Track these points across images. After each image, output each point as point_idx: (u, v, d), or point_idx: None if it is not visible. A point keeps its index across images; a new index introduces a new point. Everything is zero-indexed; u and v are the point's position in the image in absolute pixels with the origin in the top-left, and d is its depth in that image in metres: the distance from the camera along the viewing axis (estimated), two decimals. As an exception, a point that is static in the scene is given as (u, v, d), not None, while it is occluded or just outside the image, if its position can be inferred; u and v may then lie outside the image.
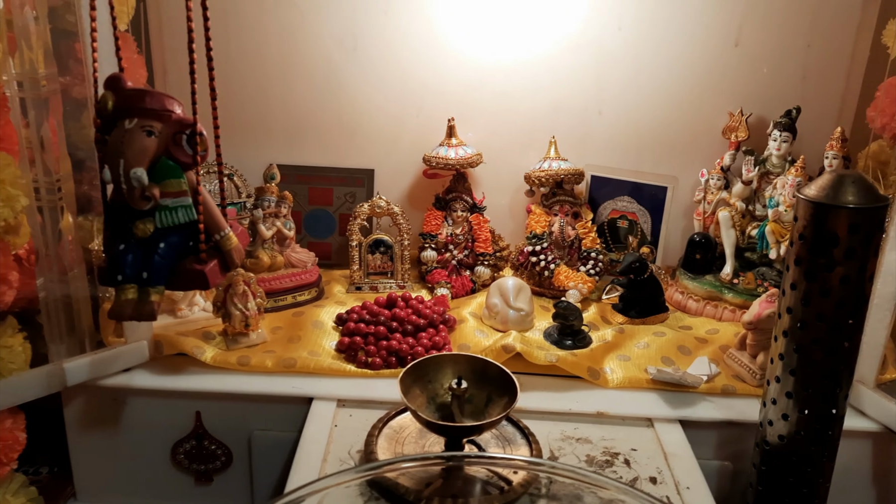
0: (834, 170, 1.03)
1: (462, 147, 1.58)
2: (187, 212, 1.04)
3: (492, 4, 1.54)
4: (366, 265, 1.59)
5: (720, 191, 1.58)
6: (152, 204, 1.02)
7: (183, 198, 1.04)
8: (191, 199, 1.04)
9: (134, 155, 0.99)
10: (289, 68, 1.60)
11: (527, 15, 1.54)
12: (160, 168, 1.02)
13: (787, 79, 1.57)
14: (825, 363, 1.02)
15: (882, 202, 0.97)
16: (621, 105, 1.61)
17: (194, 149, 1.02)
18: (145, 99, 1.01)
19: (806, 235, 0.99)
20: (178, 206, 1.04)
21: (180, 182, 1.03)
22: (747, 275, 1.53)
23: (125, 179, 0.99)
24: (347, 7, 1.55)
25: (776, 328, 1.06)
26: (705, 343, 1.40)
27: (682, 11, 1.53)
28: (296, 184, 1.67)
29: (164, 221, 1.03)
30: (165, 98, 1.03)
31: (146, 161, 1.00)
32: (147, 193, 1.00)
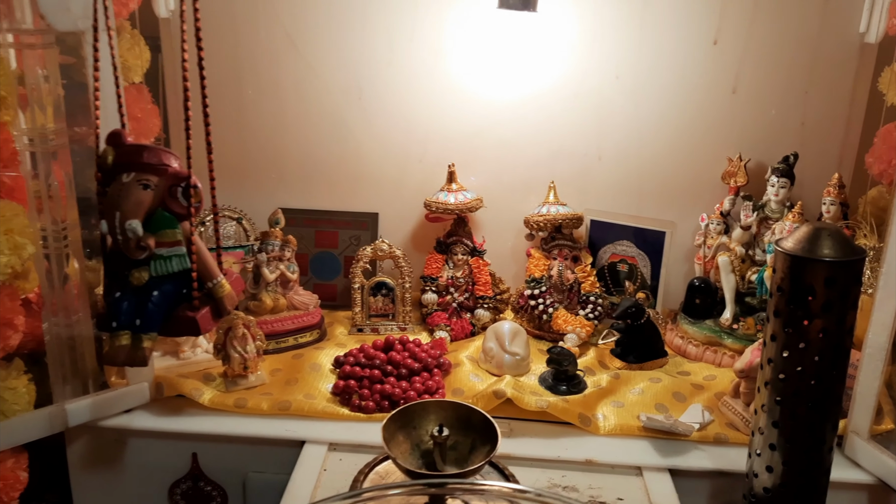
0: (811, 222, 1.03)
1: (462, 192, 1.61)
2: (181, 261, 1.08)
3: (492, 55, 1.58)
4: (367, 307, 1.62)
5: (720, 235, 1.59)
6: (147, 253, 1.06)
7: (177, 247, 1.08)
8: (185, 249, 1.08)
9: (129, 207, 1.04)
10: (298, 117, 1.66)
11: (526, 64, 1.58)
12: (156, 219, 1.07)
13: (786, 125, 1.58)
14: (808, 415, 1.01)
15: (859, 255, 0.97)
16: (621, 151, 1.64)
17: (189, 200, 1.07)
18: (143, 154, 1.06)
19: (784, 288, 1.00)
20: (173, 256, 1.08)
21: (175, 232, 1.08)
22: (747, 320, 1.52)
23: (120, 231, 1.03)
24: (352, 59, 1.61)
25: (759, 379, 1.06)
26: (702, 390, 1.40)
27: (678, 59, 1.56)
28: (303, 227, 1.71)
29: (158, 270, 1.07)
30: (163, 153, 1.08)
31: (141, 213, 1.05)
32: (142, 243, 1.05)
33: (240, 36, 1.60)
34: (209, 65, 1.60)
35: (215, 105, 1.66)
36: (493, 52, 1.58)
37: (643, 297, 1.47)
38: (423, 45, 1.59)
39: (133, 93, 1.50)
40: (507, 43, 1.56)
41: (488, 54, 1.58)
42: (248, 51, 1.61)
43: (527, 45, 1.56)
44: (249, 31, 1.60)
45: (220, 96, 1.65)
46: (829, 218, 1.46)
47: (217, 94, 1.64)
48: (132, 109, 1.50)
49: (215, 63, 1.62)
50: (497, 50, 1.58)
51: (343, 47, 1.60)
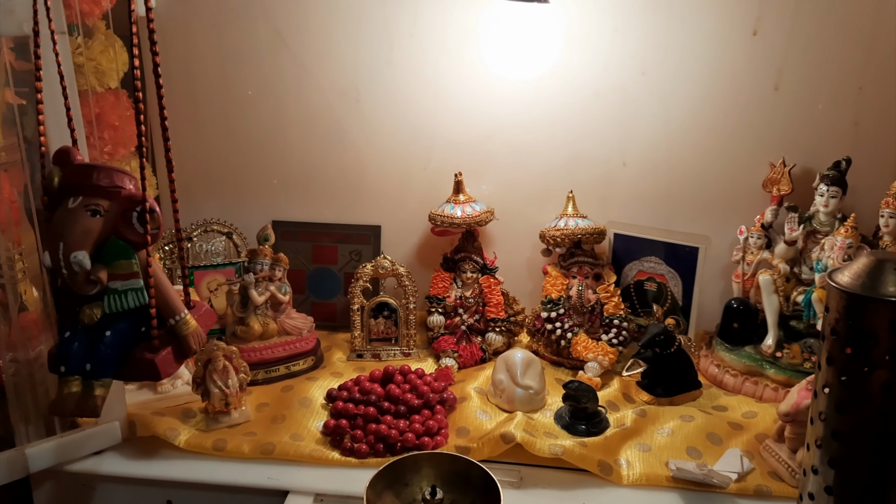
0: (871, 252, 0.86)
1: (470, 204, 1.46)
2: (138, 295, 0.95)
3: (502, 51, 1.42)
4: (368, 330, 1.48)
5: (761, 250, 1.41)
6: (99, 288, 0.93)
7: (133, 280, 0.95)
8: (142, 282, 0.95)
9: (75, 237, 0.91)
10: (289, 121, 1.52)
11: (540, 61, 1.42)
12: (108, 248, 0.94)
13: (837, 125, 1.39)
14: (868, 483, 0.84)
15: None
16: (647, 156, 1.46)
17: (145, 227, 0.94)
18: (92, 175, 0.93)
19: (839, 331, 0.83)
20: (128, 290, 0.95)
21: (131, 263, 0.95)
22: (792, 347, 1.35)
23: (65, 264, 0.91)
24: (349, 58, 1.46)
25: (809, 434, 0.90)
26: (740, 430, 1.23)
27: (713, 53, 1.38)
28: (299, 241, 1.58)
29: (112, 306, 0.95)
30: (115, 173, 0.94)
31: (90, 243, 0.92)
32: (92, 277, 0.92)
33: (226, 34, 1.47)
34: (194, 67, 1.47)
35: (201, 110, 1.55)
36: (503, 48, 1.42)
37: (672, 323, 1.30)
38: (425, 43, 1.44)
39: (109, 99, 1.38)
40: (519, 37, 1.40)
41: (498, 50, 1.42)
42: (236, 50, 1.48)
43: (540, 39, 1.40)
44: (237, 28, 1.46)
45: (206, 100, 1.52)
46: (887, 232, 1.27)
47: (203, 97, 1.52)
48: (108, 117, 1.38)
49: (201, 64, 1.50)
50: (507, 45, 1.41)
51: (338, 46, 1.46)
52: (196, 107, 1.52)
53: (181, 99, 1.50)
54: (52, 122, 1.00)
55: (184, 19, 1.46)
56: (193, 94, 1.51)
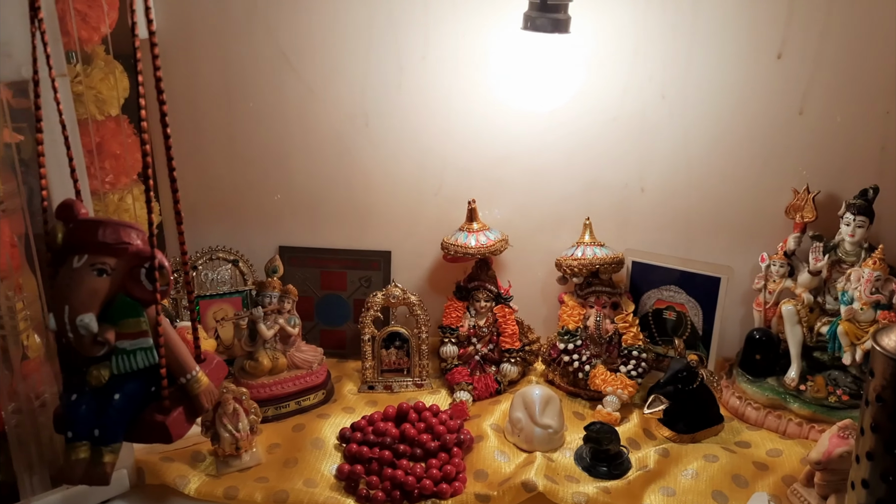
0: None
1: (484, 232, 1.41)
2: (147, 355, 0.91)
3: (516, 73, 1.37)
4: (379, 361, 1.44)
5: (783, 279, 1.37)
6: (107, 349, 0.89)
7: (142, 339, 0.91)
8: (151, 340, 0.91)
9: (82, 299, 0.87)
10: (296, 145, 1.47)
11: (557, 84, 1.37)
12: (116, 306, 0.90)
13: (863, 150, 1.35)
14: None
15: None
16: (667, 181, 1.42)
17: (154, 283, 0.89)
18: (97, 232, 0.88)
19: (885, 398, 0.79)
20: (137, 349, 0.91)
21: (139, 321, 0.91)
22: (816, 379, 1.31)
23: (71, 328, 0.86)
24: (358, 82, 1.41)
25: (850, 501, 0.86)
26: (766, 471, 1.19)
27: (735, 76, 1.33)
28: (307, 267, 1.54)
29: (120, 367, 0.90)
30: (122, 229, 0.90)
31: (97, 305, 0.87)
32: (99, 339, 0.88)
33: (230, 56, 1.42)
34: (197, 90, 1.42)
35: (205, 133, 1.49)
36: (517, 71, 1.37)
37: (695, 359, 1.26)
38: (436, 66, 1.39)
39: (110, 127, 1.32)
40: (534, 60, 1.35)
41: (512, 73, 1.37)
42: (240, 72, 1.42)
43: (556, 62, 1.35)
44: (241, 51, 1.41)
45: (210, 123, 1.47)
46: (917, 265, 1.24)
47: (207, 120, 1.47)
48: (110, 146, 1.32)
49: (204, 88, 1.44)
50: (522, 68, 1.36)
51: (347, 69, 1.40)
52: (200, 130, 1.47)
53: (184, 122, 1.45)
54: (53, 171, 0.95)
55: (186, 41, 1.40)
56: (196, 117, 1.46)
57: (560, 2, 1.10)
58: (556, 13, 1.11)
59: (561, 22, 1.13)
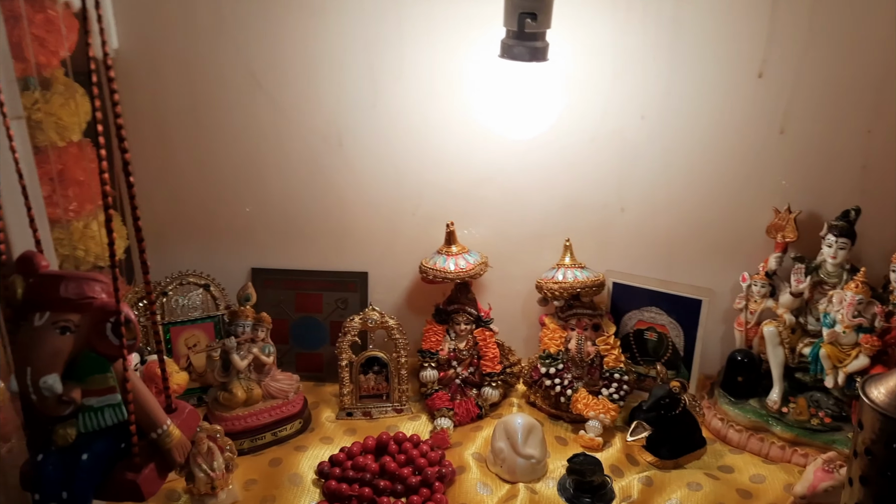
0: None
1: (463, 256, 1.39)
2: (116, 412, 0.88)
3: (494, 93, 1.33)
4: (358, 387, 1.41)
5: (765, 299, 1.36)
6: (73, 408, 0.85)
7: (110, 395, 0.87)
8: (119, 396, 0.88)
9: (44, 361, 0.83)
10: (268, 166, 1.43)
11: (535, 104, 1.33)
12: (82, 363, 0.86)
13: (844, 169, 1.33)
14: None
15: (980, 418, 0.76)
16: (647, 201, 1.40)
17: (121, 338, 0.85)
18: (59, 287, 0.84)
19: (874, 452, 0.78)
20: (105, 406, 0.87)
21: (106, 377, 0.87)
22: (798, 401, 1.31)
23: (34, 389, 0.82)
24: (330, 101, 1.36)
25: (838, 548, 0.86)
26: (749, 499, 1.18)
27: (716, 95, 1.31)
28: (282, 290, 1.50)
29: (88, 425, 0.87)
30: (84, 283, 0.86)
31: (60, 364, 0.84)
32: (65, 399, 0.84)
33: (197, 76, 1.36)
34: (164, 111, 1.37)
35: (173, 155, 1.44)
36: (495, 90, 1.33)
37: (678, 385, 1.25)
38: (412, 85, 1.35)
39: (72, 153, 1.27)
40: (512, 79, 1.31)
41: (490, 92, 1.33)
42: (208, 93, 1.37)
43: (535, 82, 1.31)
44: (209, 71, 1.36)
45: (177, 145, 1.41)
46: (899, 289, 1.23)
47: (174, 142, 1.42)
48: (73, 172, 1.27)
49: (171, 109, 1.39)
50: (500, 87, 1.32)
51: (319, 89, 1.36)
52: (168, 153, 1.42)
53: (152, 145, 1.40)
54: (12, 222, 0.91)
55: (152, 61, 1.34)
56: (164, 139, 1.40)
57: (537, 30, 1.06)
58: (534, 41, 1.08)
59: (539, 50, 1.09)
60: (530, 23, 1.04)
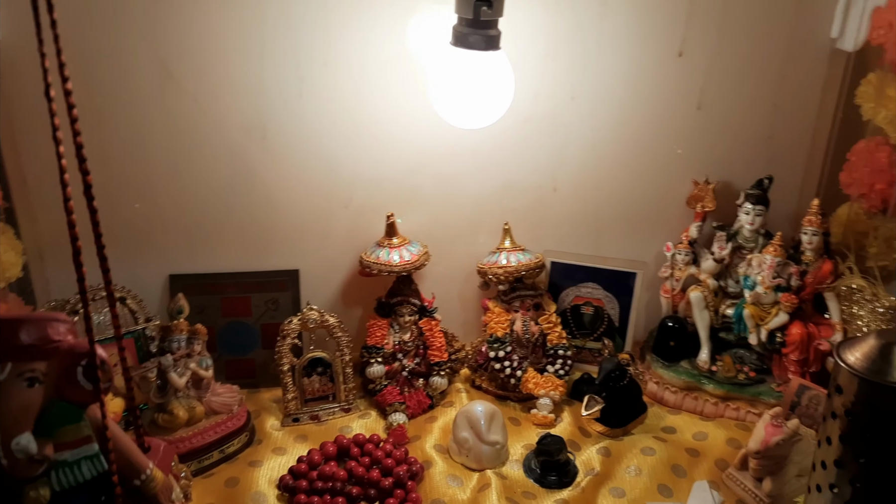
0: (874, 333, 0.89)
1: (406, 247, 1.35)
2: (94, 463, 0.79)
3: (428, 78, 1.29)
4: (302, 391, 1.35)
5: (688, 266, 1.45)
6: (46, 466, 0.76)
7: (86, 446, 0.79)
8: (97, 445, 0.79)
9: (13, 420, 0.73)
10: (184, 164, 1.31)
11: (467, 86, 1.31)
12: (52, 414, 0.77)
13: (753, 140, 1.43)
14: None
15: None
16: (578, 179, 1.43)
17: (96, 381, 0.77)
18: (19, 333, 0.73)
19: (856, 413, 0.86)
20: (81, 459, 0.79)
21: (80, 427, 0.78)
22: (724, 359, 1.40)
23: (5, 453, 0.72)
24: (252, 91, 1.27)
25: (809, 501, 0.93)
26: (698, 457, 1.27)
27: (640, 75, 1.36)
28: (204, 295, 1.39)
29: (63, 482, 0.78)
30: (46, 324, 0.76)
31: (31, 421, 0.74)
32: (37, 458, 0.74)
33: (99, 68, 1.22)
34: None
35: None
36: (428, 76, 1.29)
37: (626, 357, 1.31)
38: (341, 73, 1.28)
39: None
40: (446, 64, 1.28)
41: (423, 78, 1.30)
42: (113, 86, 1.23)
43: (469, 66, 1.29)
44: (113, 61, 1.21)
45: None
46: (810, 249, 1.34)
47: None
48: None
49: (66, 105, 1.23)
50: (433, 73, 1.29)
51: (239, 78, 1.26)
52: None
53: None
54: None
55: (40, 52, 1.18)
56: (60, 139, 1.25)
57: (492, 18, 1.04)
58: (489, 29, 1.05)
59: (493, 38, 1.07)
60: (486, 10, 1.02)
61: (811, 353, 1.34)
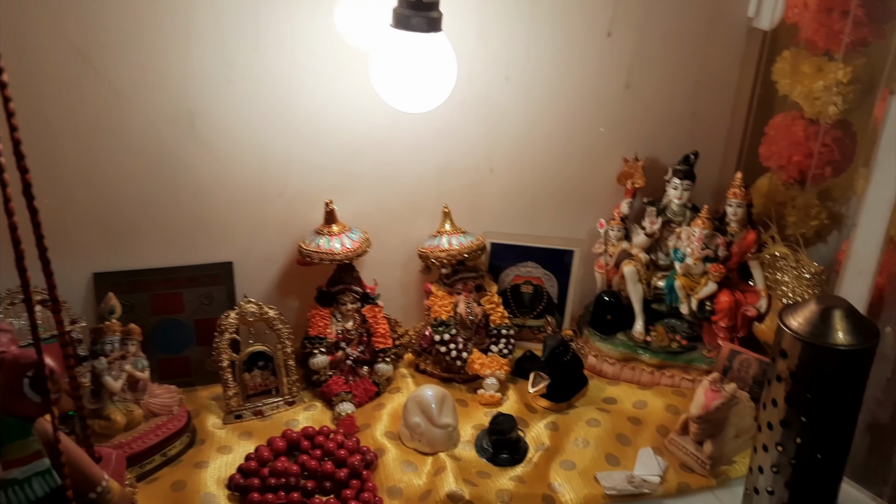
0: (814, 298, 0.94)
1: (347, 234, 1.33)
2: (46, 479, 0.75)
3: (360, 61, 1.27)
4: (244, 387, 1.31)
5: (621, 241, 1.49)
6: (-7, 487, 0.71)
7: (36, 462, 0.74)
8: (48, 460, 0.74)
9: (-44, 440, 0.67)
10: (105, 156, 1.23)
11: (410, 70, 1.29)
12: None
13: (678, 117, 1.48)
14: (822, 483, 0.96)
15: (874, 334, 0.90)
16: (514, 160, 1.44)
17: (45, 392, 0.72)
18: (-47, 348, 0.68)
19: (800, 375, 0.91)
20: (32, 475, 0.74)
21: (29, 443, 0.73)
22: (657, 328, 1.46)
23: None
24: (177, 78, 1.21)
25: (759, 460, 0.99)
26: (640, 425, 1.31)
27: (571, 55, 1.38)
28: (132, 293, 1.32)
29: (14, 501, 0.73)
30: (-15, 334, 0.70)
31: (-25, 441, 0.68)
32: (-18, 481, 0.69)
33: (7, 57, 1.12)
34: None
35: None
36: (360, 59, 1.27)
37: (570, 334, 1.33)
38: (272, 57, 1.24)
39: None
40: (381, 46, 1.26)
41: (355, 61, 1.27)
42: (25, 76, 1.14)
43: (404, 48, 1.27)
44: (23, 50, 1.13)
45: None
46: (735, 220, 1.40)
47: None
48: None
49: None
50: (365, 55, 1.26)
51: (163, 64, 1.19)
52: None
53: None
54: None
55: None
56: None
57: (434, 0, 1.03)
58: (431, 11, 1.04)
59: (435, 20, 1.06)
60: (428, -8, 1.00)
61: (738, 319, 1.41)
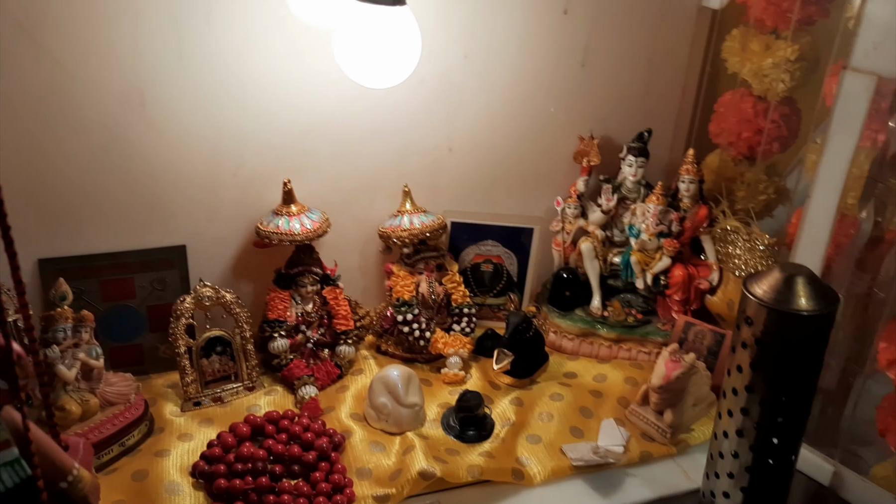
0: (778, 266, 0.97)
1: (306, 214, 1.30)
2: (15, 470, 0.71)
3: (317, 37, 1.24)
4: (201, 373, 1.28)
5: (577, 219, 1.50)
6: (-42, 481, 0.67)
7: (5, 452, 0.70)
8: (16, 450, 0.71)
9: (-83, 432, 0.63)
10: (50, 136, 1.17)
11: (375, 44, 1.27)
12: (-39, 421, 0.67)
13: (631, 95, 1.50)
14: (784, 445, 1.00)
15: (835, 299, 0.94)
16: (473, 139, 1.44)
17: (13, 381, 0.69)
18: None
19: (765, 342, 0.94)
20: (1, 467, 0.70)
21: (-3, 432, 0.69)
22: (614, 304, 1.49)
23: None
24: (126, 54, 1.16)
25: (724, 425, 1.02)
26: (601, 398, 1.34)
27: (528, 32, 1.38)
28: (80, 279, 1.27)
29: (-17, 494, 0.69)
30: (-56, 319, 0.66)
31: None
32: (-52, 474, 0.66)
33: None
34: None
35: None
36: (318, 35, 1.24)
37: (533, 310, 1.34)
38: (224, 32, 1.20)
39: None
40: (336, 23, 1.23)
41: (313, 37, 1.24)
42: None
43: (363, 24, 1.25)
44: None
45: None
46: (687, 196, 1.44)
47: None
48: None
49: None
50: (323, 31, 1.24)
51: (111, 40, 1.14)
52: None
53: None
54: None
55: None
56: None
57: (398, -29, 1.01)
58: (395, -17, 1.02)
59: (400, -7, 1.05)
60: (392, -36, 0.98)
61: (692, 292, 1.44)
